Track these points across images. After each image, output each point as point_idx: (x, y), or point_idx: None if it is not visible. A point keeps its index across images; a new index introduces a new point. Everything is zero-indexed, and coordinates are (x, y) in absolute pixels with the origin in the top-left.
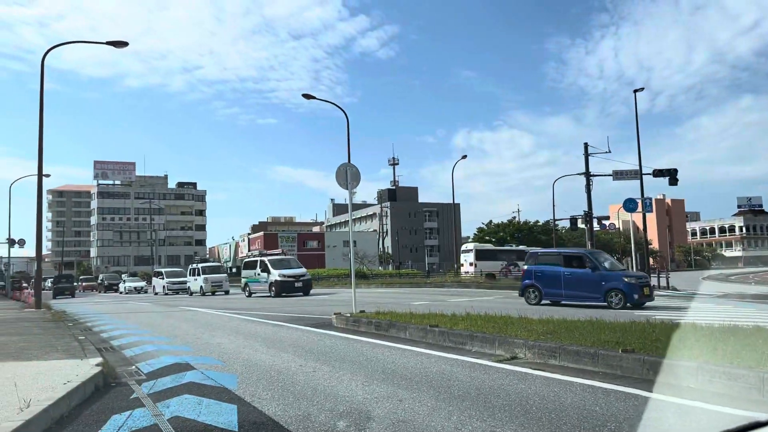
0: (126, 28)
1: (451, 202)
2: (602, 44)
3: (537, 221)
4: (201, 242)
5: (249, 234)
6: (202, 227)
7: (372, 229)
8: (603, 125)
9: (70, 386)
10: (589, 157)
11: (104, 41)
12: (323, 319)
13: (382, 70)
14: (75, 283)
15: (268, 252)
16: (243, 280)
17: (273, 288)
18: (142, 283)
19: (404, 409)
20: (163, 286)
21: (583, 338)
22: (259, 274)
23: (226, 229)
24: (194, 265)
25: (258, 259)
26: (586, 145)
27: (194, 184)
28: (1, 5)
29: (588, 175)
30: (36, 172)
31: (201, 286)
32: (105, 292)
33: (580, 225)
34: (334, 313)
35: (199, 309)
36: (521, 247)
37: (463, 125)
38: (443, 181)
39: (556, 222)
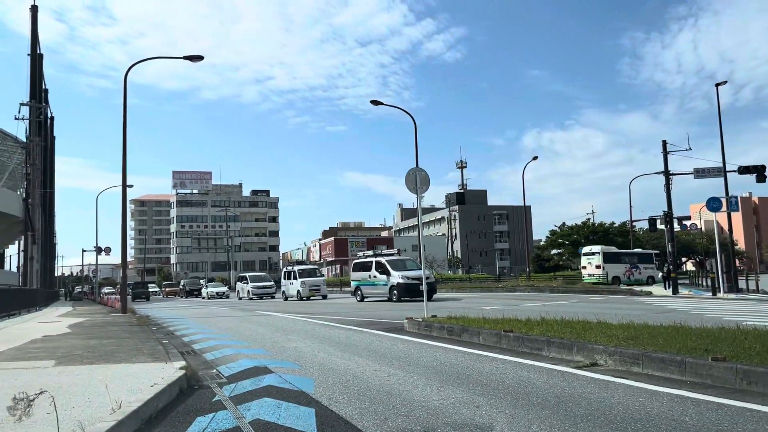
0: (201, 42)
1: (522, 204)
2: (680, 37)
3: (613, 223)
4: (274, 248)
5: (320, 239)
6: (275, 233)
7: (441, 233)
8: (682, 121)
9: (157, 388)
10: (668, 155)
11: (181, 56)
12: (395, 323)
13: (449, 72)
14: (150, 289)
15: (384, 251)
16: (353, 284)
17: (395, 292)
18: (224, 289)
19: (482, 415)
20: (248, 291)
21: (668, 345)
22: (375, 277)
23: (298, 235)
24: (289, 268)
25: (373, 259)
26: (664, 143)
27: (267, 192)
28: (87, 26)
29: (667, 173)
30: (120, 183)
31: (298, 290)
32: (186, 297)
33: (660, 226)
34: (406, 318)
35: (275, 313)
36: (637, 250)
37: (533, 126)
38: (513, 183)
39: (633, 223)
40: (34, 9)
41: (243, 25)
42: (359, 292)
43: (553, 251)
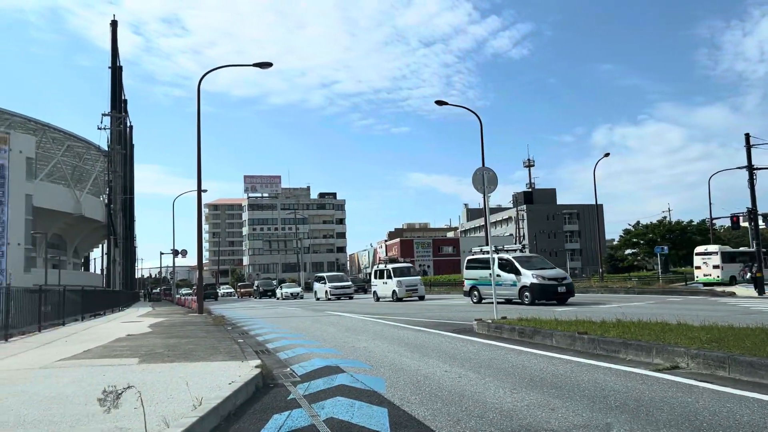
0: (268, 50)
1: (593, 202)
2: (763, 24)
3: (691, 221)
4: (342, 249)
5: (386, 240)
6: (342, 235)
7: (508, 233)
8: (767, 113)
9: (234, 386)
10: (752, 149)
11: (251, 63)
12: (464, 324)
13: (515, 70)
14: (225, 290)
15: (507, 247)
16: (468, 283)
17: (526, 294)
18: (298, 289)
19: (557, 418)
20: (326, 291)
21: (757, 348)
22: (499, 276)
23: (365, 237)
24: (381, 267)
25: (497, 255)
26: (747, 136)
27: (334, 194)
28: (162, 38)
29: (751, 168)
30: (194, 188)
31: (394, 291)
32: (260, 298)
33: (743, 223)
34: (475, 320)
35: (344, 314)
36: (748, 249)
37: (604, 121)
38: (582, 181)
39: (713, 221)
40: (114, 24)
41: (308, 31)
42: (476, 293)
43: (627, 251)
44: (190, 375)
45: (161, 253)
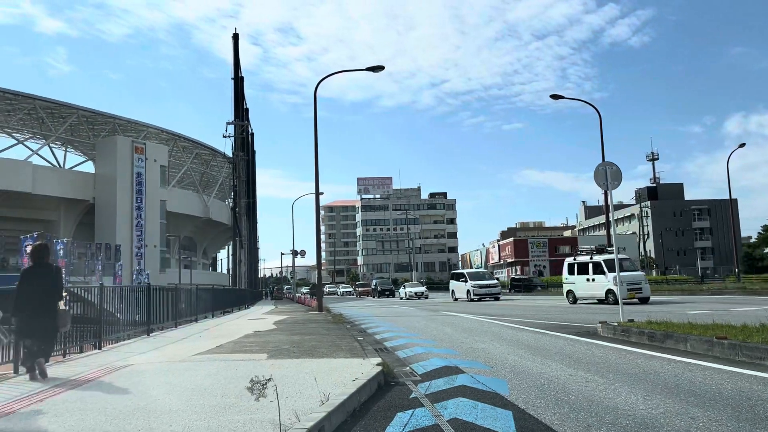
0: (380, 53)
1: (727, 197)
2: None
3: None
4: (453, 249)
5: (498, 240)
6: (453, 235)
7: (631, 232)
8: None
9: (358, 383)
10: None
11: (364, 68)
12: (586, 327)
13: (635, 59)
14: (343, 289)
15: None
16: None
17: (610, 295)
18: (423, 289)
19: (699, 427)
20: (468, 291)
21: None
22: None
23: (476, 236)
24: (585, 258)
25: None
26: None
27: (444, 194)
28: (278, 47)
29: None
30: (312, 191)
31: (611, 290)
32: (378, 297)
33: None
34: (599, 322)
35: (459, 314)
36: None
37: (737, 109)
38: (713, 174)
39: None
40: (235, 37)
41: (418, 32)
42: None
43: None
44: (316, 371)
45: (281, 254)
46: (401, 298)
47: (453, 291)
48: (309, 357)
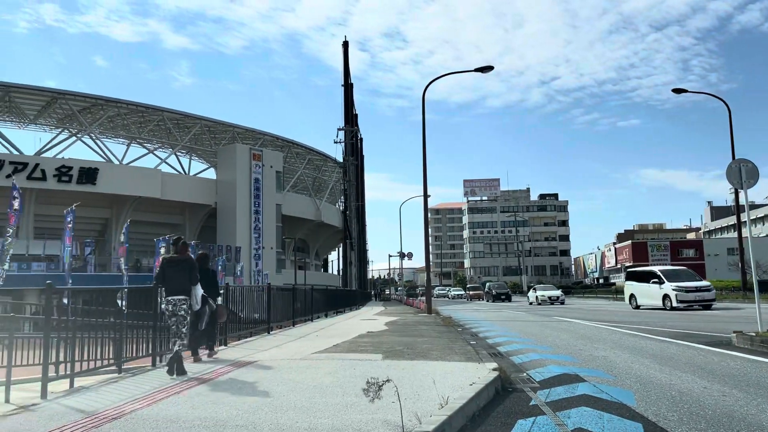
0: (486, 52)
1: None
2: None
3: None
4: (565, 252)
5: (614, 243)
6: (565, 237)
7: (764, 234)
8: None
9: (476, 387)
10: None
11: (472, 69)
12: (717, 337)
13: None
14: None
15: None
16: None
17: (667, 301)
18: (558, 293)
19: None
20: (665, 296)
21: None
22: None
23: (590, 239)
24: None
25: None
26: None
27: (555, 195)
28: (385, 52)
29: None
30: (418, 194)
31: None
32: (493, 301)
33: None
34: (734, 332)
35: (574, 320)
36: None
37: None
38: None
39: None
40: (345, 45)
41: (526, 28)
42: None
43: None
44: (431, 373)
45: (389, 256)
46: (531, 303)
47: (632, 296)
48: (423, 359)
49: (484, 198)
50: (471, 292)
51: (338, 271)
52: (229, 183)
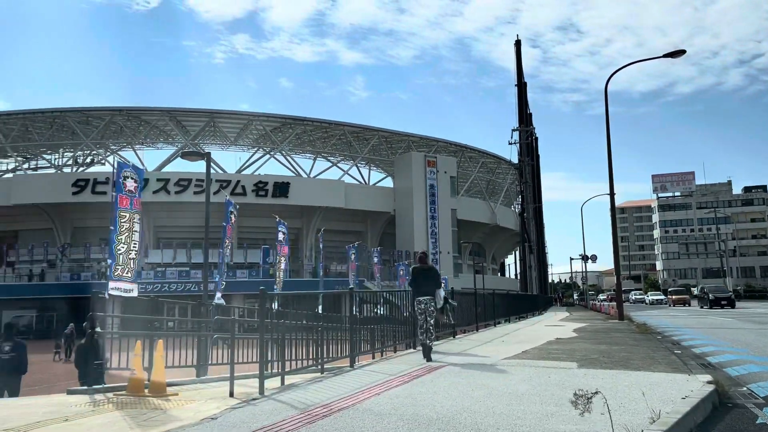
0: (673, 35)
1: None
2: None
3: None
4: None
5: None
6: None
7: None
8: None
9: (690, 401)
10: None
11: (661, 55)
12: None
13: None
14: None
15: None
16: None
17: None
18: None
19: None
20: None
21: None
22: None
23: None
24: None
25: None
26: None
27: (763, 187)
28: (557, 46)
29: None
30: (600, 193)
31: None
32: (710, 308)
33: None
34: None
35: None
36: None
37: None
38: None
39: None
40: (517, 44)
41: (720, 4)
42: None
43: None
44: (635, 384)
45: (570, 258)
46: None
47: None
48: (623, 369)
49: (677, 194)
50: (674, 297)
51: (516, 275)
52: (405, 190)
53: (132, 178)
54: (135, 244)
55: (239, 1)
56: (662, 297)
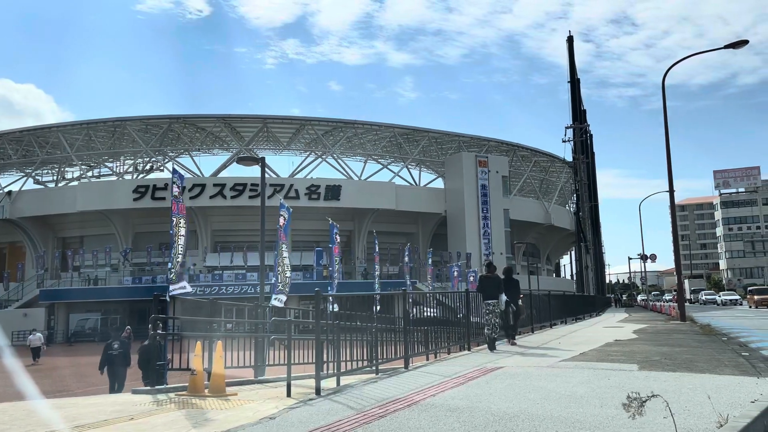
0: (735, 24)
1: None
2: None
3: None
4: None
5: None
6: None
7: None
8: None
9: (760, 405)
10: None
11: (722, 46)
12: None
13: None
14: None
15: None
16: None
17: None
18: (736, 296)
19: None
20: None
21: None
22: None
23: None
24: None
25: None
26: None
27: None
28: (611, 39)
29: None
30: (658, 190)
31: None
32: None
33: None
34: None
35: None
36: None
37: None
38: None
39: None
40: (570, 39)
41: None
42: None
43: None
44: (699, 387)
45: (629, 258)
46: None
47: None
48: (686, 371)
49: (741, 190)
50: (756, 297)
51: (572, 275)
52: (457, 191)
53: (176, 184)
54: (181, 247)
55: (288, 6)
56: (736, 297)
